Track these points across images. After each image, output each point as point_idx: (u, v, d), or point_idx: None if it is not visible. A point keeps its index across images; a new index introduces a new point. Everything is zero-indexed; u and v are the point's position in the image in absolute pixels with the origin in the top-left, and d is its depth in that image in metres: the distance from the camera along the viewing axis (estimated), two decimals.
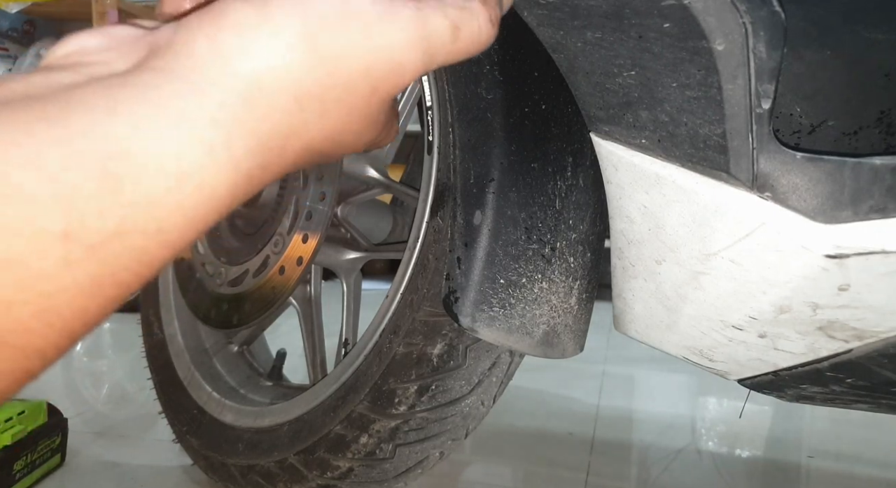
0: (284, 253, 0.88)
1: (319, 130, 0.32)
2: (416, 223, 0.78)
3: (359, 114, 0.33)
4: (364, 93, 0.32)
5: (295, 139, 0.31)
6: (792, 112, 0.47)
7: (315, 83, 0.30)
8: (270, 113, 0.29)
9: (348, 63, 0.31)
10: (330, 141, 0.33)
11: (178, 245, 0.28)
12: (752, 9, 0.42)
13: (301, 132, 0.31)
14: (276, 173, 0.31)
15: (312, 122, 0.31)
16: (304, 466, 0.86)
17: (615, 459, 1.21)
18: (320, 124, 0.31)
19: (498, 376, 0.82)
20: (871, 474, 1.20)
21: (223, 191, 0.28)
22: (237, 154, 0.28)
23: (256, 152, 0.29)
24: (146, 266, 0.27)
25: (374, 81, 0.32)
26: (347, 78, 0.31)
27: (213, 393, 1.02)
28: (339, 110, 0.32)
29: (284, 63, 0.29)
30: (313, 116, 0.31)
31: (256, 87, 0.29)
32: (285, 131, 0.30)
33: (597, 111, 0.51)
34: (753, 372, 0.58)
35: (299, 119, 0.30)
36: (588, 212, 0.68)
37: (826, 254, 0.45)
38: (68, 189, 0.24)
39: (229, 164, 0.28)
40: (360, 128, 0.33)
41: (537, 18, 0.49)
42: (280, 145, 0.30)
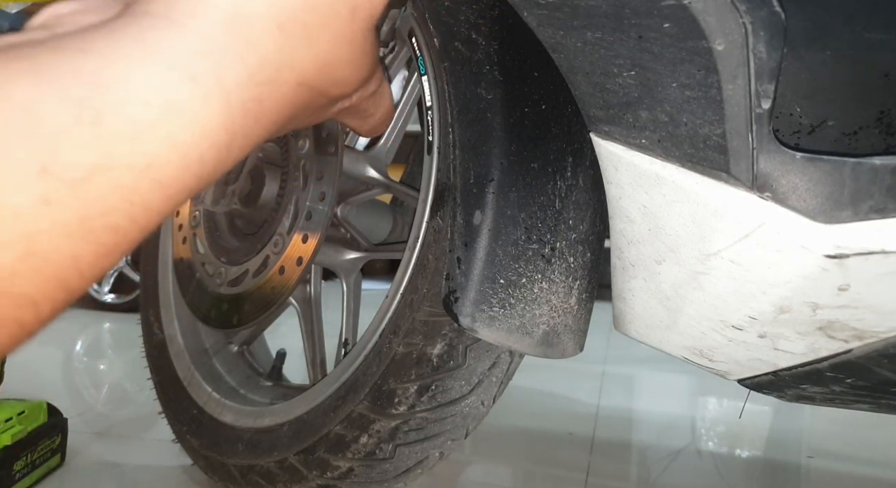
0: (284, 253, 0.88)
1: (310, 59, 0.31)
2: (416, 223, 0.78)
3: (344, 39, 0.32)
4: (345, 15, 0.32)
5: (286, 70, 0.30)
6: (792, 112, 0.47)
7: (294, 7, 0.30)
8: (255, 40, 0.28)
9: None
10: (323, 73, 0.32)
11: (174, 186, 0.27)
12: (752, 9, 0.42)
13: (291, 62, 0.30)
14: (275, 111, 0.30)
15: (300, 49, 0.30)
16: (304, 466, 0.86)
17: (615, 459, 1.21)
18: (309, 52, 0.31)
19: (498, 376, 0.82)
20: (871, 474, 1.20)
21: (217, 124, 0.27)
22: (227, 84, 0.27)
23: (247, 83, 0.28)
24: (141, 208, 0.26)
25: (352, 2, 0.32)
26: (323, 13, 0.31)
27: (212, 394, 1.02)
28: (325, 35, 0.31)
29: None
30: (300, 43, 0.30)
31: (236, 15, 0.28)
32: (274, 60, 0.29)
33: (597, 111, 0.51)
34: (753, 372, 0.58)
35: (286, 46, 0.30)
36: (588, 212, 0.68)
37: (826, 254, 0.45)
38: (41, 121, 0.23)
39: (220, 95, 0.27)
40: (349, 56, 0.33)
41: (537, 19, 0.49)
42: (271, 76, 0.29)
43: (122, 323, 2.46)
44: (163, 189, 0.26)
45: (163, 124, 0.25)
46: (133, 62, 0.25)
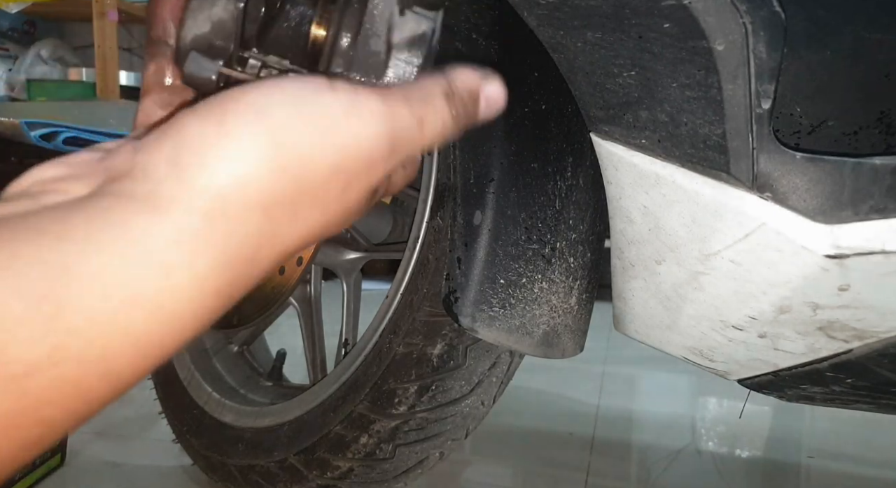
0: None
1: (292, 234, 0.30)
2: (416, 223, 0.78)
3: (334, 211, 0.31)
4: (336, 191, 0.30)
5: (266, 249, 0.29)
6: (792, 112, 0.47)
7: (283, 191, 0.28)
8: (237, 228, 0.28)
9: (315, 165, 0.29)
10: (306, 240, 0.31)
11: (125, 375, 0.26)
12: (752, 9, 0.42)
13: (272, 241, 0.29)
14: (247, 285, 0.30)
15: (283, 228, 0.29)
16: (304, 466, 0.86)
17: (615, 459, 1.21)
18: (292, 228, 0.30)
19: (498, 376, 0.82)
20: (871, 474, 1.20)
21: (184, 311, 0.27)
22: (200, 273, 0.27)
23: (223, 269, 0.27)
24: (83, 401, 0.25)
25: (345, 179, 0.30)
26: (316, 180, 0.29)
27: (213, 393, 1.02)
28: (312, 212, 0.30)
29: (248, 177, 0.28)
30: (284, 223, 0.29)
31: (220, 205, 0.27)
32: (254, 243, 0.29)
33: (597, 111, 0.51)
34: (753, 372, 0.58)
35: (269, 229, 0.29)
36: (588, 212, 0.68)
37: (826, 255, 0.45)
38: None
39: (191, 285, 0.26)
40: (338, 221, 0.32)
41: (537, 18, 0.49)
42: (249, 257, 0.29)
43: None
44: (111, 379, 0.25)
45: (122, 317, 0.25)
46: (106, 253, 0.24)
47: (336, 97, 0.30)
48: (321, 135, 0.29)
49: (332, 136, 0.30)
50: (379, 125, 0.31)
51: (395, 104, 0.32)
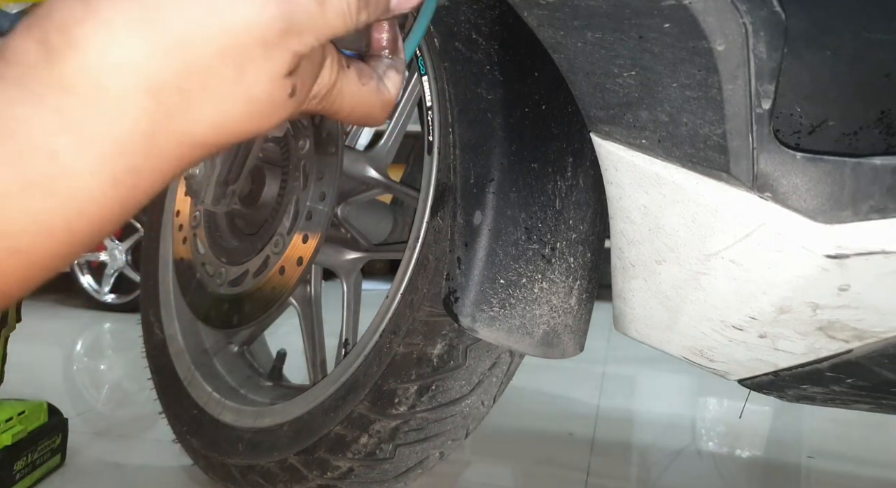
0: (284, 253, 0.88)
1: (192, 122, 0.29)
2: (416, 223, 0.78)
3: (235, 98, 0.29)
4: (230, 74, 0.29)
5: (164, 136, 0.28)
6: (792, 112, 0.47)
7: (166, 73, 0.27)
8: (121, 113, 0.27)
9: (198, 45, 0.28)
10: (214, 131, 0.30)
11: (36, 254, 0.26)
12: (752, 9, 0.42)
13: (169, 128, 0.28)
14: (156, 174, 0.29)
15: (177, 114, 0.28)
16: (304, 466, 0.86)
17: (615, 459, 1.21)
18: (189, 115, 0.29)
19: (498, 376, 0.82)
20: (871, 474, 1.20)
21: (84, 198, 0.27)
22: (90, 160, 0.26)
23: (117, 156, 0.27)
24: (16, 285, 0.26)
25: (237, 60, 0.29)
26: (203, 62, 0.28)
27: (213, 394, 1.02)
28: (207, 98, 0.29)
29: (122, 57, 0.27)
30: (176, 108, 0.28)
31: (97, 87, 0.26)
32: (146, 129, 0.28)
33: (597, 111, 0.51)
34: (753, 372, 0.58)
35: (160, 114, 0.28)
36: (588, 212, 0.68)
37: (826, 255, 0.45)
38: None
39: (83, 169, 0.26)
40: (247, 111, 0.30)
41: (537, 19, 0.49)
42: (146, 145, 0.28)
43: (122, 323, 2.46)
44: (20, 256, 0.26)
45: (19, 197, 0.25)
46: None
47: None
48: (203, 14, 0.28)
49: (214, 15, 0.28)
50: (272, 6, 0.29)
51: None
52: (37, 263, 0.27)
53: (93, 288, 2.71)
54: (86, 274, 2.72)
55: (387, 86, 0.38)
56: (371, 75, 0.37)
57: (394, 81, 0.38)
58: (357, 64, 0.37)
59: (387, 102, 0.38)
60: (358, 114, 0.37)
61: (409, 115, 0.94)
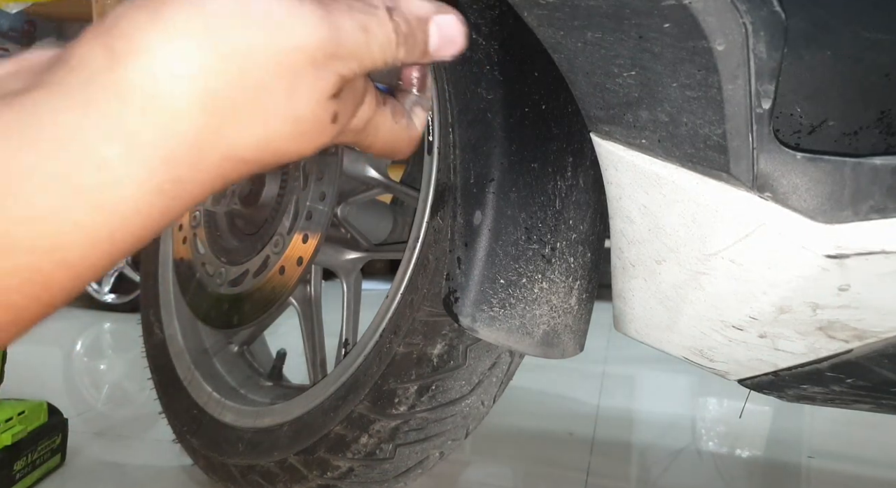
0: (284, 253, 0.88)
1: (239, 137, 0.30)
2: (416, 223, 0.78)
3: (283, 116, 0.30)
4: (282, 93, 0.30)
5: (211, 149, 0.29)
6: (792, 112, 0.47)
7: (222, 88, 0.28)
8: (174, 124, 0.27)
9: (256, 63, 0.29)
10: (259, 149, 0.30)
11: (81, 266, 0.27)
12: (752, 9, 0.42)
13: (216, 141, 0.29)
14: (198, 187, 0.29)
15: (227, 128, 0.29)
16: (304, 466, 0.86)
17: (615, 459, 1.21)
18: (238, 130, 0.29)
19: (498, 376, 0.82)
20: (871, 474, 1.20)
21: (129, 209, 0.27)
22: (138, 170, 0.27)
23: (164, 166, 0.27)
24: (43, 288, 0.26)
25: (290, 79, 0.30)
26: (258, 79, 0.29)
27: (213, 394, 1.02)
28: (257, 114, 0.30)
29: (183, 67, 0.27)
30: (226, 122, 0.29)
31: (153, 95, 0.27)
32: (195, 141, 0.28)
33: (597, 111, 0.51)
34: (753, 372, 0.58)
35: (210, 127, 0.28)
36: (588, 212, 0.68)
37: (826, 255, 0.45)
38: None
39: (130, 180, 0.27)
40: (292, 131, 0.31)
41: (537, 18, 0.49)
42: (193, 157, 0.28)
43: (122, 323, 2.46)
44: (68, 268, 0.27)
45: (68, 210, 0.26)
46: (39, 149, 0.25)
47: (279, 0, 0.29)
48: (262, 34, 0.29)
49: (273, 36, 0.29)
50: (321, 26, 0.30)
51: (338, 10, 0.31)
52: (81, 274, 0.27)
53: (93, 288, 2.71)
54: None
55: (414, 122, 0.39)
56: (403, 114, 0.39)
57: (420, 118, 0.40)
58: (392, 101, 0.38)
59: (414, 139, 0.39)
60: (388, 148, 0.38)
61: None
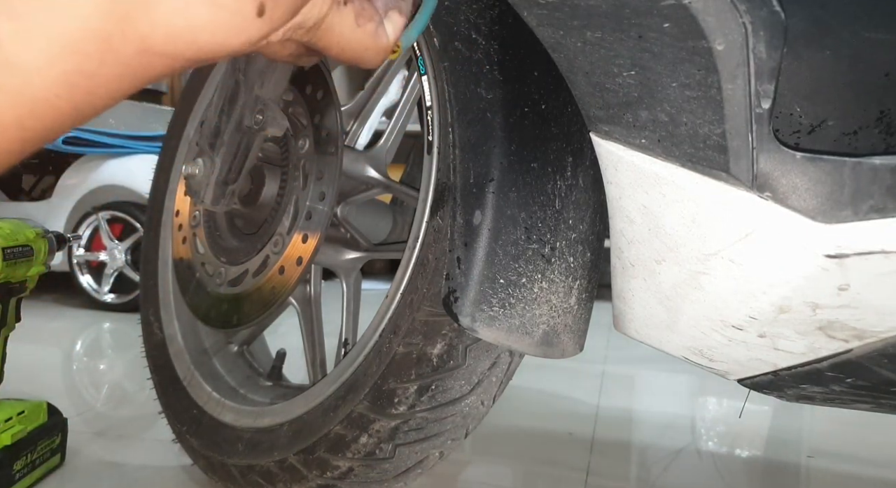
0: (284, 253, 0.88)
1: (153, 27, 0.27)
2: (416, 223, 0.78)
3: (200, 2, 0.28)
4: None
5: (120, 39, 0.27)
6: (792, 112, 0.47)
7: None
8: (73, 7, 0.25)
9: None
10: (175, 39, 0.28)
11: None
12: (752, 9, 0.42)
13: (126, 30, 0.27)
14: (114, 82, 0.27)
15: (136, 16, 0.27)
16: (304, 466, 0.86)
17: (615, 459, 1.21)
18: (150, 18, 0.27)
19: (498, 376, 0.82)
20: (871, 474, 1.20)
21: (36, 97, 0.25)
22: (37, 54, 0.25)
23: (67, 55, 0.26)
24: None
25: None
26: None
27: (212, 393, 1.02)
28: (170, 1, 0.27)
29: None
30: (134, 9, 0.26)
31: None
32: (100, 28, 0.26)
33: (597, 111, 0.51)
34: (753, 372, 0.58)
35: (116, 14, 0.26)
36: (588, 212, 0.68)
37: (826, 254, 0.45)
38: None
39: (30, 66, 0.25)
40: (211, 19, 0.28)
41: (537, 18, 0.49)
42: (100, 47, 0.26)
43: (122, 323, 2.46)
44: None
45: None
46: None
47: None
48: None
49: None
50: None
51: None
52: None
53: (92, 287, 2.71)
54: (85, 273, 2.72)
55: (386, 29, 0.35)
56: (371, 17, 0.35)
57: (395, 25, 0.36)
58: (359, 1, 0.34)
59: (382, 48, 0.35)
60: (347, 55, 0.35)
61: (408, 114, 0.94)
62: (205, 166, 0.87)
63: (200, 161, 0.86)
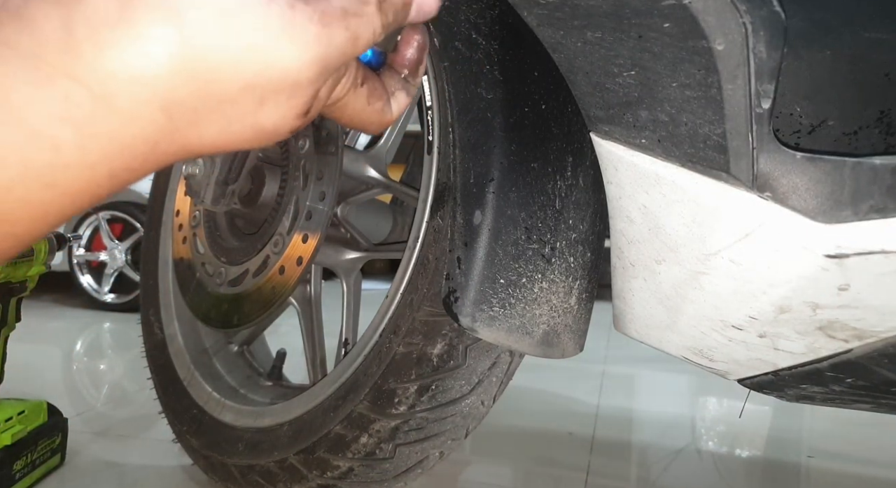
0: (284, 253, 0.88)
1: (196, 137, 0.29)
2: (416, 223, 0.78)
3: (244, 124, 0.29)
4: (249, 107, 0.29)
5: (165, 144, 0.28)
6: (792, 112, 0.47)
7: (185, 96, 0.27)
8: (132, 120, 0.26)
9: (227, 80, 0.27)
10: (213, 146, 0.30)
11: (25, 238, 0.27)
12: (752, 9, 0.42)
13: (172, 137, 0.28)
14: (148, 172, 0.29)
15: (185, 130, 0.28)
16: (304, 466, 0.86)
17: (615, 459, 1.21)
18: (196, 132, 0.29)
19: (498, 376, 0.82)
20: (871, 474, 1.20)
21: (79, 189, 0.27)
22: (92, 157, 0.26)
23: (117, 156, 0.27)
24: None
25: (260, 97, 0.28)
26: (225, 94, 0.28)
27: (213, 393, 1.02)
28: (219, 120, 0.29)
29: (147, 74, 0.26)
30: (185, 125, 0.28)
31: (113, 91, 0.26)
32: (151, 137, 0.27)
33: (597, 111, 0.51)
34: (753, 372, 0.58)
35: (167, 129, 0.28)
36: (588, 212, 0.68)
37: (826, 254, 0.45)
38: None
39: (83, 166, 0.26)
40: (251, 136, 0.30)
41: (537, 18, 0.49)
42: (148, 150, 0.28)
43: (122, 323, 2.46)
44: (13, 239, 0.27)
45: (20, 187, 0.26)
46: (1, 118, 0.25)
47: (269, 12, 0.27)
48: (241, 51, 0.27)
49: (254, 54, 0.27)
50: (312, 51, 0.28)
51: (333, 23, 0.29)
52: (24, 243, 0.28)
53: (92, 287, 2.71)
54: (86, 273, 2.72)
55: (391, 107, 0.37)
56: (381, 96, 0.36)
57: (400, 104, 0.38)
58: (372, 82, 0.36)
59: (385, 123, 0.37)
60: (354, 124, 0.37)
61: (409, 114, 0.94)
62: (205, 166, 0.87)
63: (200, 161, 0.86)
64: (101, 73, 0.25)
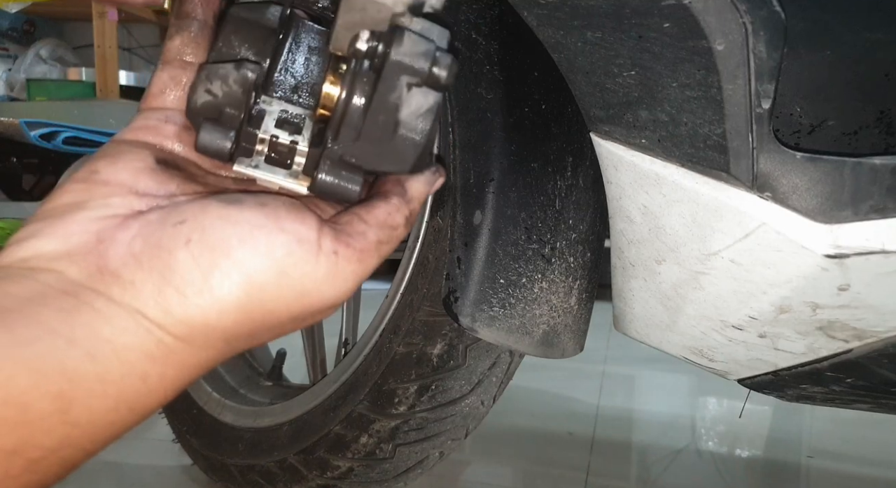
0: None
1: (247, 348, 0.36)
2: (416, 223, 0.78)
3: (288, 331, 0.36)
4: (296, 326, 0.36)
5: (221, 360, 0.35)
6: (792, 112, 0.47)
7: (246, 331, 0.34)
8: (203, 352, 0.33)
9: (280, 315, 0.34)
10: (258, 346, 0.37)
11: (94, 453, 0.32)
12: (752, 9, 0.42)
13: (228, 356, 0.35)
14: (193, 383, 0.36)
15: (240, 348, 0.35)
16: (304, 466, 0.86)
17: (615, 459, 1.21)
18: (247, 346, 0.36)
19: (498, 376, 0.82)
20: (871, 474, 1.20)
21: (155, 407, 0.33)
22: (167, 383, 0.32)
23: (184, 378, 0.33)
24: (68, 471, 0.31)
25: (305, 319, 0.36)
26: (278, 322, 0.34)
27: (212, 393, 1.02)
28: (268, 336, 0.36)
29: (220, 320, 0.32)
30: (241, 346, 0.35)
31: (193, 336, 0.32)
32: (215, 361, 0.34)
33: (597, 111, 0.51)
34: (753, 372, 0.58)
35: (227, 351, 0.34)
36: (588, 212, 0.68)
37: (826, 254, 0.45)
38: (24, 410, 0.27)
39: (162, 389, 0.32)
40: (293, 329, 0.37)
41: (537, 18, 0.49)
42: (209, 368, 0.34)
43: None
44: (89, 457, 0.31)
45: (112, 415, 0.30)
46: (106, 361, 0.30)
47: (318, 266, 0.33)
48: (293, 298, 0.34)
49: (305, 298, 0.34)
50: (350, 285, 0.35)
51: (368, 258, 0.35)
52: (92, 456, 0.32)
53: None
54: None
55: None
56: None
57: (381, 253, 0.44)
58: None
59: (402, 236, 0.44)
60: None
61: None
62: None
63: None
64: (184, 326, 0.32)
